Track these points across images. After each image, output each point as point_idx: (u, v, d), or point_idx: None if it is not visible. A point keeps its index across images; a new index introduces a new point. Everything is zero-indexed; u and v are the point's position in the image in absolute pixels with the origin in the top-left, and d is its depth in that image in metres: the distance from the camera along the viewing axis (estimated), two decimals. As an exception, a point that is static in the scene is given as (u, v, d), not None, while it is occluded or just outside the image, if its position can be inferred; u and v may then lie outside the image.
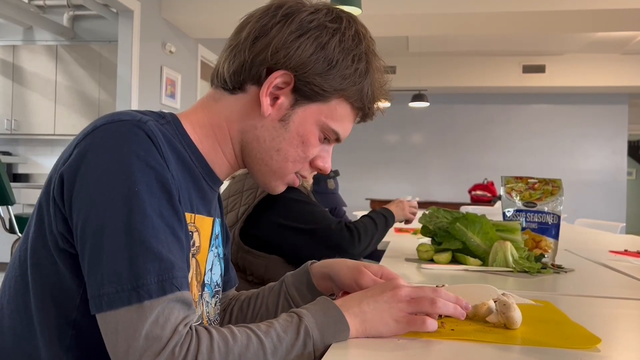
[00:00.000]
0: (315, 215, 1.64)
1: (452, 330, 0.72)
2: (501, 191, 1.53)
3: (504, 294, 0.77)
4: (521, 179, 1.52)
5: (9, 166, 5.80)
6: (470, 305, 0.76)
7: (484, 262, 1.37)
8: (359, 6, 3.01)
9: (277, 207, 1.62)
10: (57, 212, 0.69)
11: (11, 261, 0.78)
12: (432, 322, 0.70)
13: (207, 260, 0.84)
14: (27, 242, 0.73)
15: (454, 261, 1.42)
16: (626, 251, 1.79)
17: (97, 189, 0.65)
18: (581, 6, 4.49)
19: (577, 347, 0.67)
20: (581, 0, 4.51)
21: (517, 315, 0.73)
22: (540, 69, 7.70)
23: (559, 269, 1.35)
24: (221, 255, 0.92)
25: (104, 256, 0.63)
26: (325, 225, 1.61)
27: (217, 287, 0.90)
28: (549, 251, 1.43)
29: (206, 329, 0.65)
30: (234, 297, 1.03)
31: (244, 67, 0.79)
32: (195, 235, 0.79)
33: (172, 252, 0.66)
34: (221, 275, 0.93)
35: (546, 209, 1.45)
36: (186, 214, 0.75)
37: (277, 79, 0.77)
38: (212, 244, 0.86)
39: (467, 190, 7.30)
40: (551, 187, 1.47)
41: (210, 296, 0.87)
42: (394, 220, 1.86)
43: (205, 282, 0.84)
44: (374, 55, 0.82)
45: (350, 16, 0.82)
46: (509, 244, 1.33)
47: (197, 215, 0.80)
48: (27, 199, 5.13)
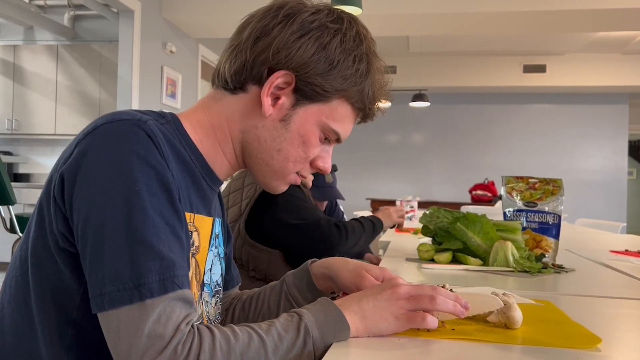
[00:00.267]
0: (308, 211, 1.73)
1: (453, 329, 0.72)
2: (502, 191, 1.53)
3: (504, 293, 0.77)
4: (522, 178, 1.52)
5: (10, 166, 5.81)
6: (473, 312, 0.76)
7: (485, 262, 1.37)
8: (360, 6, 3.01)
9: (278, 202, 1.69)
10: (57, 211, 0.69)
11: (12, 261, 0.78)
12: (432, 319, 0.70)
13: (206, 260, 0.84)
14: (28, 242, 0.73)
15: (455, 261, 1.42)
16: (627, 251, 1.79)
17: (97, 188, 0.65)
18: (582, 6, 4.49)
19: (578, 346, 0.67)
20: (582, 0, 4.51)
21: (517, 315, 0.73)
22: (540, 69, 7.70)
23: (559, 268, 1.35)
24: (222, 255, 0.92)
25: (105, 255, 0.63)
26: (314, 220, 1.70)
27: (217, 286, 0.90)
28: (550, 251, 1.43)
29: (208, 327, 0.65)
30: (237, 297, 1.03)
31: (245, 67, 0.79)
32: (194, 235, 0.80)
33: (172, 251, 0.66)
34: (222, 274, 0.93)
35: (547, 209, 1.45)
36: (186, 213, 0.75)
37: (278, 79, 0.77)
38: (211, 243, 0.86)
39: (468, 190, 7.30)
40: (552, 186, 1.47)
41: (210, 296, 0.87)
42: (382, 227, 2.00)
43: (204, 281, 0.84)
44: (375, 56, 0.82)
45: (351, 17, 0.82)
46: (509, 244, 1.33)
47: (196, 215, 0.80)
48: (28, 198, 5.13)
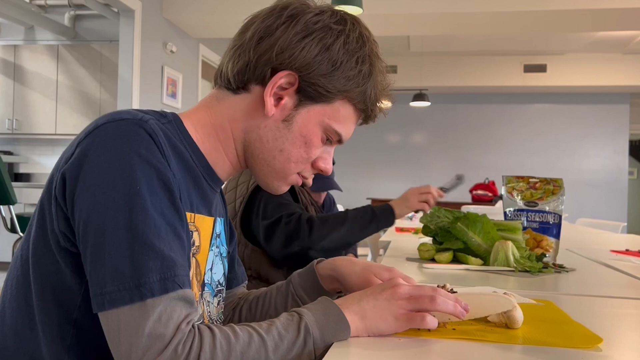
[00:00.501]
0: (276, 209, 1.61)
1: (454, 329, 0.72)
2: (502, 190, 1.53)
3: (505, 293, 0.77)
4: (522, 178, 1.52)
5: (11, 166, 5.81)
6: (478, 315, 0.76)
7: (485, 261, 1.37)
8: (360, 6, 3.01)
9: (258, 202, 1.64)
10: (59, 211, 0.69)
11: (13, 260, 0.78)
12: (432, 319, 0.70)
13: (207, 259, 0.84)
14: (29, 242, 0.74)
15: (455, 261, 1.42)
16: (627, 251, 1.79)
17: (98, 188, 0.65)
18: (582, 5, 4.49)
19: (579, 346, 0.67)
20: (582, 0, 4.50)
21: (518, 314, 0.73)
22: (541, 69, 7.69)
23: (560, 268, 1.35)
24: (224, 254, 0.92)
25: (106, 255, 0.63)
26: (277, 218, 1.59)
27: (219, 286, 0.90)
28: (550, 251, 1.43)
29: (209, 327, 0.65)
30: (243, 297, 1.03)
31: (248, 67, 0.79)
32: (195, 234, 0.80)
33: (173, 250, 0.66)
34: (224, 274, 0.93)
35: (547, 209, 1.45)
36: (186, 213, 0.75)
37: (281, 79, 0.77)
38: (212, 243, 0.86)
39: (468, 189, 7.30)
40: (552, 186, 1.47)
41: (211, 295, 0.87)
42: (390, 215, 1.66)
43: (205, 281, 0.84)
44: (377, 57, 0.83)
45: (354, 18, 0.82)
46: (510, 244, 1.33)
47: (197, 214, 0.80)
48: (29, 198, 5.13)
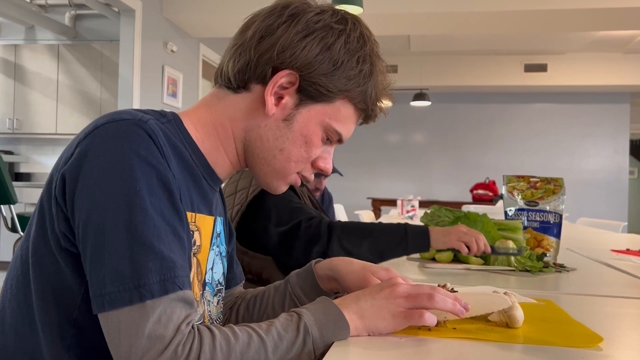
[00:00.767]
0: (291, 213, 1.50)
1: (454, 329, 0.72)
2: (503, 190, 1.53)
3: (506, 292, 0.77)
4: (523, 177, 1.52)
5: (11, 165, 5.82)
6: (478, 313, 0.76)
7: (486, 261, 1.37)
8: (361, 5, 3.01)
9: (264, 207, 1.55)
10: (59, 211, 0.69)
11: (13, 260, 0.78)
12: (430, 316, 0.70)
13: (208, 259, 0.84)
14: (29, 241, 0.73)
15: (456, 260, 1.42)
16: (628, 250, 1.79)
17: (98, 188, 0.65)
18: (583, 5, 4.48)
19: (579, 345, 0.67)
20: (583, -1, 4.51)
21: (519, 314, 0.73)
22: (542, 68, 7.69)
23: (560, 268, 1.35)
24: (224, 253, 0.92)
25: (106, 256, 0.63)
26: (299, 221, 1.46)
27: (219, 285, 0.90)
28: (551, 250, 1.43)
29: (208, 328, 0.65)
30: (240, 296, 1.02)
31: (249, 66, 0.79)
32: (196, 234, 0.79)
33: (173, 251, 0.66)
34: (223, 273, 0.92)
35: (548, 208, 1.45)
36: (187, 213, 0.75)
37: (282, 78, 0.77)
38: (213, 242, 0.86)
39: (469, 189, 7.30)
40: (553, 186, 1.47)
41: (211, 295, 0.87)
42: (421, 241, 1.38)
43: (206, 281, 0.84)
44: (378, 57, 0.83)
45: (355, 18, 0.82)
46: (510, 243, 1.33)
47: (198, 214, 0.80)
48: (29, 198, 5.14)
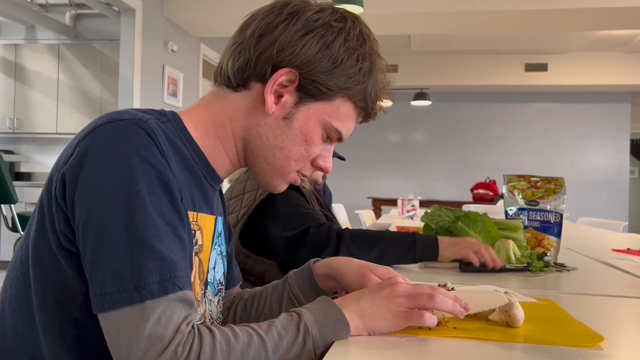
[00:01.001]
0: (299, 219, 1.45)
1: (455, 328, 0.72)
2: (503, 189, 1.53)
3: (506, 292, 0.77)
4: (523, 177, 1.52)
5: (12, 165, 5.82)
6: (476, 310, 0.76)
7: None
8: (361, 4, 3.01)
9: (271, 211, 1.51)
10: (59, 211, 0.69)
11: (13, 260, 0.78)
12: (431, 317, 0.70)
13: (210, 258, 0.84)
14: (29, 241, 0.73)
15: (456, 260, 1.42)
16: (629, 250, 1.79)
17: (98, 188, 0.65)
18: (583, 4, 4.48)
19: (580, 345, 0.67)
20: (583, -2, 4.50)
21: (519, 313, 0.73)
22: (542, 68, 7.69)
23: (561, 267, 1.35)
24: (224, 253, 0.92)
25: (106, 256, 0.63)
26: (307, 227, 1.41)
27: (219, 285, 0.90)
28: (552, 249, 1.43)
29: (208, 328, 0.65)
30: (238, 295, 1.02)
31: (248, 65, 0.79)
32: (197, 233, 0.79)
33: (173, 251, 0.66)
34: (224, 273, 0.92)
35: (548, 208, 1.45)
36: (189, 212, 0.75)
37: (282, 76, 0.77)
38: (214, 242, 0.86)
39: (470, 188, 7.30)
40: (553, 185, 1.47)
41: (213, 294, 0.87)
42: (429, 249, 1.33)
43: (208, 280, 0.84)
44: (378, 55, 0.82)
45: (354, 16, 0.82)
46: (511, 243, 1.33)
47: (199, 213, 0.80)
48: (30, 197, 5.14)
